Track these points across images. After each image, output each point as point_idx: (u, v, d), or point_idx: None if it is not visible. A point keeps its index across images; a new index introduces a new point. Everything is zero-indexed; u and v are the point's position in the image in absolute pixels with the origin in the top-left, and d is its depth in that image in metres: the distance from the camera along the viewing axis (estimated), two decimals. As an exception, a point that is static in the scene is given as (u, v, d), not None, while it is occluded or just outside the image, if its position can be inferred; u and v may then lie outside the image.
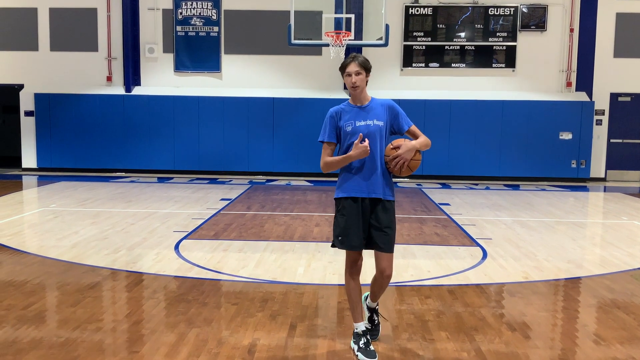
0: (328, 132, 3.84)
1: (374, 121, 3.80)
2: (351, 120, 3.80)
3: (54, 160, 14.87)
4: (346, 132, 3.80)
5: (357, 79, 3.77)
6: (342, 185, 3.84)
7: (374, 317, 4.11)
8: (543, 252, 6.84)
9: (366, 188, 3.78)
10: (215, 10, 14.91)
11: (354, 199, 3.79)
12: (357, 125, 3.78)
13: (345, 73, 3.82)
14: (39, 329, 4.21)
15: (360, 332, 3.86)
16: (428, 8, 14.63)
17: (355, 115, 3.82)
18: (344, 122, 3.81)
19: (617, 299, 5.13)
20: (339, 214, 3.84)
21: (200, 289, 5.20)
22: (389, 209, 3.84)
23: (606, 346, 4.04)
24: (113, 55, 15.09)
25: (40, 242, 7.03)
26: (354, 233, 3.76)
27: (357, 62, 3.80)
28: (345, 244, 3.79)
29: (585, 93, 14.47)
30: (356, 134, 3.74)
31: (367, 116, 3.81)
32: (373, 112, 3.83)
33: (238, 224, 8.28)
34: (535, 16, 14.58)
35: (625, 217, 9.42)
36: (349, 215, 3.77)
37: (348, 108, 3.87)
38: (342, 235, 3.79)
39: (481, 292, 5.26)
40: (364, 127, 3.77)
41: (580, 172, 14.28)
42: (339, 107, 3.88)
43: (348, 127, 3.79)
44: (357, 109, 3.85)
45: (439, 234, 7.82)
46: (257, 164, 14.61)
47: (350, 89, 3.82)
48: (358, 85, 3.78)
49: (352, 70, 3.78)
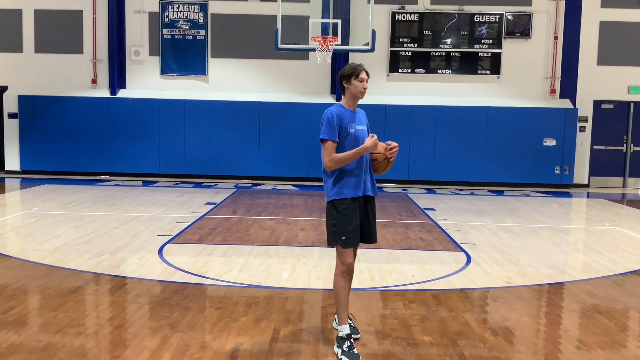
0: (335, 131, 3.98)
1: (362, 126, 4.12)
2: (351, 123, 4.05)
3: (37, 163, 14.72)
4: (349, 134, 4.01)
5: (367, 86, 4.09)
6: (342, 187, 3.99)
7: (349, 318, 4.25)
8: (526, 257, 6.89)
9: (362, 187, 4.03)
10: (202, 14, 14.88)
11: (353, 199, 4.00)
12: (357, 129, 4.06)
13: (358, 78, 4.04)
14: (19, 334, 4.16)
15: (344, 336, 3.90)
16: (414, 14, 14.72)
17: (352, 119, 4.07)
18: (346, 124, 4.02)
19: (598, 304, 5.18)
20: (340, 214, 3.98)
21: (184, 294, 5.17)
22: (374, 205, 4.19)
23: (588, 351, 4.08)
24: (98, 58, 14.99)
25: (21, 245, 6.95)
26: (357, 231, 4.02)
27: (365, 70, 4.11)
28: (352, 242, 3.99)
29: (569, 100, 14.63)
30: (357, 136, 4.01)
31: (360, 121, 4.13)
32: (361, 118, 4.17)
33: (223, 228, 8.25)
34: (520, 23, 14.73)
35: (607, 223, 9.51)
36: (353, 215, 3.99)
37: (345, 111, 4.08)
38: (351, 234, 3.97)
39: (465, 297, 5.28)
40: (360, 130, 4.07)
41: (563, 178, 14.42)
42: (338, 109, 4.05)
43: (351, 129, 4.02)
44: (352, 113, 4.11)
45: (423, 238, 7.85)
46: (243, 168, 14.57)
47: (360, 93, 4.06)
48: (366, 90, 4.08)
49: (365, 77, 4.06)
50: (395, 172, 14.34)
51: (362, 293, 5.32)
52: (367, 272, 6.00)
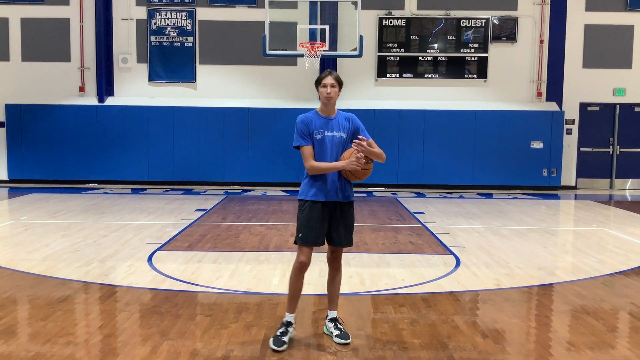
0: (304, 137, 4.12)
1: (339, 133, 4.16)
2: (321, 129, 4.15)
3: (25, 172, 14.62)
4: (316, 140, 4.13)
5: (332, 91, 4.12)
6: (308, 189, 4.17)
7: (338, 324, 4.31)
8: (515, 259, 6.94)
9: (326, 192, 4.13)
10: (189, 21, 14.88)
11: (315, 202, 4.14)
12: (325, 135, 4.13)
13: (321, 84, 4.16)
14: (8, 344, 4.13)
15: (284, 322, 4.20)
16: (401, 20, 14.81)
17: (324, 125, 4.14)
18: (314, 129, 4.11)
19: (587, 305, 5.23)
20: (301, 213, 4.19)
21: (174, 301, 5.15)
22: (347, 210, 4.24)
23: (576, 352, 4.11)
24: (86, 66, 14.94)
25: (10, 255, 6.90)
26: (314, 232, 4.14)
27: (333, 76, 4.17)
28: (306, 240, 4.15)
29: (556, 103, 14.77)
30: (325, 143, 4.11)
31: (334, 128, 4.16)
32: (339, 124, 4.19)
33: (213, 235, 8.23)
34: (506, 28, 14.86)
35: (595, 225, 9.60)
36: (314, 216, 4.13)
37: (317, 117, 4.17)
38: (307, 233, 4.14)
39: (454, 300, 5.31)
40: (331, 137, 4.13)
41: (551, 180, 14.53)
42: (308, 115, 4.18)
43: (318, 135, 4.13)
44: (325, 119, 4.17)
45: (413, 242, 7.88)
46: (232, 174, 14.56)
47: (324, 99, 4.13)
48: (332, 97, 4.13)
49: (329, 82, 4.13)
50: (385, 176, 14.38)
51: (353, 297, 5.33)
52: (357, 277, 6.02)
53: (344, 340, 4.15)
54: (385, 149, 4.34)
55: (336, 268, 4.35)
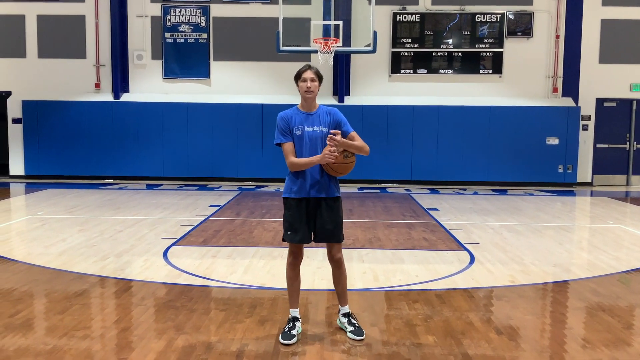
0: (284, 134, 4.14)
1: (320, 127, 4.13)
2: (300, 124, 4.13)
3: (41, 168, 14.78)
4: (296, 136, 4.12)
5: (312, 85, 4.12)
6: (290, 186, 4.16)
7: (352, 319, 4.30)
8: (530, 256, 6.89)
9: (307, 189, 4.10)
10: (204, 17, 14.93)
11: (299, 199, 4.12)
12: (305, 130, 4.12)
13: (301, 79, 4.16)
14: (26, 337, 4.19)
15: (290, 318, 4.25)
16: (416, 15, 14.73)
17: (303, 121, 4.15)
18: (294, 125, 4.11)
19: (602, 302, 5.19)
20: (287, 211, 4.19)
21: (189, 296, 5.19)
22: (331, 205, 4.17)
23: (592, 349, 4.08)
24: (101, 62, 15.05)
25: (27, 249, 6.99)
26: (299, 229, 4.13)
27: (313, 70, 4.18)
28: (293, 238, 4.15)
29: (572, 98, 14.62)
30: (304, 138, 4.09)
31: (314, 122, 4.14)
32: (319, 118, 4.16)
33: (227, 230, 8.27)
34: (522, 23, 14.73)
35: (611, 221, 9.51)
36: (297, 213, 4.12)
37: (297, 113, 4.17)
38: (292, 231, 4.14)
39: (469, 296, 5.29)
40: (312, 132, 4.12)
41: (567, 177, 14.41)
42: (288, 111, 4.19)
43: (298, 131, 4.12)
44: (305, 114, 4.18)
45: (427, 238, 7.86)
46: (246, 170, 14.60)
47: (304, 93, 4.13)
48: (312, 90, 4.12)
49: (308, 76, 4.13)
50: (398, 173, 14.36)
51: (366, 293, 5.34)
52: (371, 273, 6.02)
53: (358, 337, 4.16)
54: (398, 145, 4.36)
55: (337, 265, 4.27)
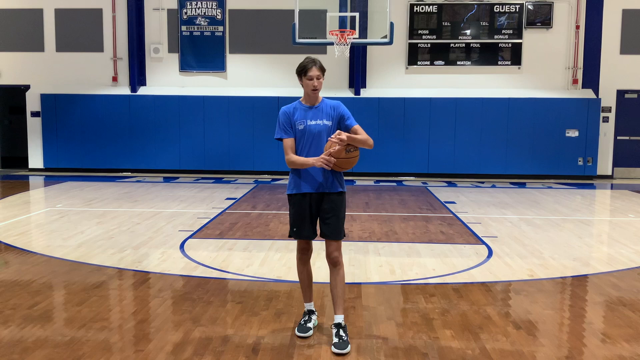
0: (285, 129, 4.03)
1: (323, 121, 4.01)
2: (303, 118, 4.02)
3: (60, 161, 14.93)
4: (297, 130, 4.02)
5: (318, 83, 3.99)
6: (292, 182, 4.12)
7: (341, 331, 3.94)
8: (549, 249, 6.81)
9: (309, 184, 4.03)
10: (220, 10, 14.93)
11: (303, 194, 4.06)
12: (308, 124, 4.00)
13: (307, 77, 3.99)
14: (45, 328, 4.23)
15: (305, 311, 4.26)
16: (433, 6, 14.59)
17: (306, 114, 4.03)
18: (296, 119, 4.01)
19: (623, 296, 5.11)
20: (292, 208, 4.15)
21: (205, 288, 5.21)
22: (335, 200, 4.05)
23: (612, 344, 4.02)
24: (118, 56, 15.13)
25: (46, 241, 7.06)
26: (304, 225, 4.08)
27: (317, 66, 4.01)
28: (299, 234, 4.12)
29: (592, 90, 14.41)
30: (306, 133, 3.99)
31: (318, 116, 4.03)
32: (323, 112, 4.04)
33: (243, 223, 8.29)
34: (541, 13, 14.53)
35: (632, 215, 9.37)
36: (301, 209, 4.07)
37: (300, 107, 4.07)
38: (298, 227, 4.11)
39: (486, 290, 5.24)
40: (314, 126, 3.99)
41: (587, 169, 14.22)
42: (291, 105, 4.09)
43: (300, 125, 4.01)
44: (308, 108, 4.06)
45: (444, 232, 7.81)
46: (262, 163, 14.61)
47: (310, 91, 4.01)
48: (319, 89, 4.00)
49: (314, 74, 3.99)
50: (415, 165, 14.27)
51: (383, 287, 5.31)
52: (388, 266, 5.99)
53: (340, 350, 3.79)
54: (415, 137, 4.30)
55: (334, 264, 4.03)
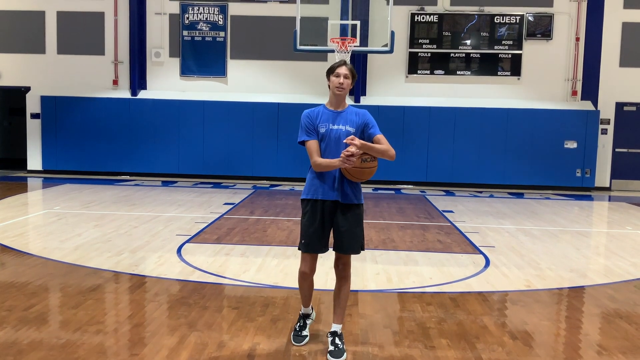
0: (308, 131, 3.93)
1: (346, 127, 3.90)
2: (326, 122, 3.92)
3: (59, 163, 14.92)
4: (320, 133, 3.92)
5: (345, 82, 3.89)
6: (308, 188, 3.97)
7: (337, 339, 3.92)
8: (546, 260, 6.81)
9: (322, 190, 3.89)
10: (221, 16, 14.97)
11: (315, 201, 3.92)
12: (330, 128, 3.90)
13: (334, 74, 3.92)
14: (40, 331, 4.22)
15: (301, 315, 4.20)
16: (434, 15, 14.65)
17: (329, 118, 3.93)
18: (319, 123, 3.92)
19: (620, 308, 5.10)
20: (304, 216, 3.96)
21: (202, 293, 5.20)
22: (350, 212, 3.91)
23: (608, 356, 4.02)
24: (119, 59, 15.16)
25: (43, 243, 7.04)
26: (317, 237, 3.91)
27: (348, 67, 3.95)
28: (310, 247, 3.93)
29: (591, 102, 14.45)
30: (327, 137, 3.89)
31: (341, 121, 3.92)
32: (347, 118, 3.94)
33: (241, 229, 8.28)
34: (541, 25, 14.59)
35: (629, 227, 9.38)
36: (314, 217, 3.90)
37: (324, 110, 3.98)
38: (310, 238, 3.92)
39: (483, 300, 5.24)
40: (336, 130, 3.89)
41: (585, 181, 14.24)
42: (314, 109, 4.01)
43: (322, 128, 3.91)
44: (333, 112, 3.96)
45: (441, 241, 7.81)
46: (261, 169, 14.62)
47: (335, 89, 3.91)
48: (344, 87, 3.89)
49: (342, 72, 3.90)
50: (414, 174, 14.28)
51: (380, 295, 5.31)
52: (384, 274, 5.99)
53: (336, 359, 3.80)
54: (414, 146, 4.27)
55: (343, 277, 3.98)
